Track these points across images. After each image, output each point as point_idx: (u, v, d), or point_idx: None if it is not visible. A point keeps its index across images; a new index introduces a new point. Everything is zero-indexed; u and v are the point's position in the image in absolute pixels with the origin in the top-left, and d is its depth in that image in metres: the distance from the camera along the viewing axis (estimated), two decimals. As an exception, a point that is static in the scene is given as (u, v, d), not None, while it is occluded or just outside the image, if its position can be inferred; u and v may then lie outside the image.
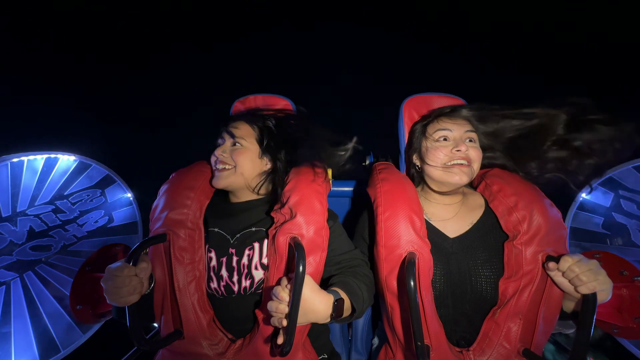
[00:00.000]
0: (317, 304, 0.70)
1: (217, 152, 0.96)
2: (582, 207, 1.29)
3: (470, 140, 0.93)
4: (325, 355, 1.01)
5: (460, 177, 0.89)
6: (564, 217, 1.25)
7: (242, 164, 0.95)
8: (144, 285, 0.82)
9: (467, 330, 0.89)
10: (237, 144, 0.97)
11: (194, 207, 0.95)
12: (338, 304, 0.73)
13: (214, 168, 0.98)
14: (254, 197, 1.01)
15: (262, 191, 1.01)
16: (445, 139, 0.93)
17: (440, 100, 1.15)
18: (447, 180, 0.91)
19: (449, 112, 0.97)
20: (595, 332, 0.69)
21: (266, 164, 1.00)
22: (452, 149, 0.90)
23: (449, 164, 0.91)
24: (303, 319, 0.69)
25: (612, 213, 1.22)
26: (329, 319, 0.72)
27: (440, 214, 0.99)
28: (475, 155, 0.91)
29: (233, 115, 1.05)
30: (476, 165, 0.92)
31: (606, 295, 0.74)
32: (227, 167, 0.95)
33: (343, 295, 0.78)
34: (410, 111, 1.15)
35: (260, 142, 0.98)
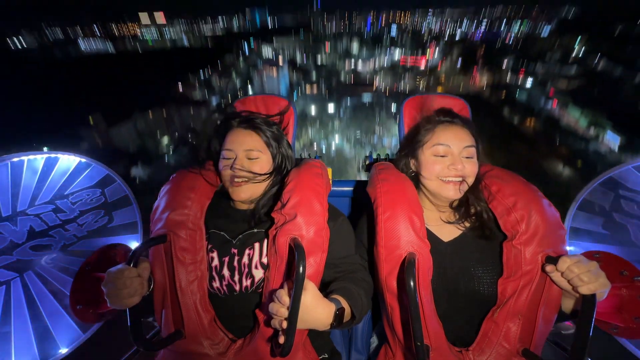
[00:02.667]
0: (319, 312, 0.71)
1: (236, 167, 0.93)
2: (582, 207, 1.29)
3: (468, 156, 0.92)
4: (326, 355, 1.01)
5: (454, 193, 0.91)
6: (563, 217, 1.25)
7: (261, 175, 0.95)
8: (144, 286, 0.83)
9: (464, 328, 0.90)
10: (252, 157, 0.96)
11: (195, 208, 0.95)
12: (339, 313, 0.74)
13: (229, 182, 0.95)
14: (257, 203, 1.00)
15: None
16: (443, 155, 0.92)
17: (441, 101, 1.14)
18: (440, 193, 0.92)
19: (449, 123, 0.95)
20: (593, 332, 0.70)
21: (275, 165, 1.00)
22: (449, 165, 0.91)
23: (444, 179, 0.91)
24: (304, 325, 0.70)
25: (612, 213, 1.22)
26: (328, 327, 0.73)
27: (435, 218, 1.00)
28: (471, 170, 0.92)
29: (237, 123, 1.00)
30: (470, 180, 0.93)
31: (602, 295, 0.75)
32: (246, 179, 0.94)
33: (344, 303, 0.78)
34: (410, 111, 1.15)
35: (271, 149, 0.98)
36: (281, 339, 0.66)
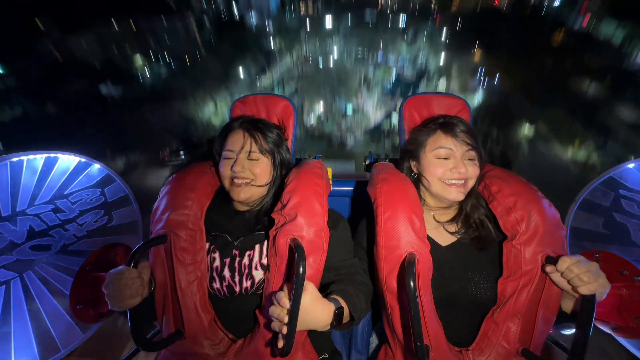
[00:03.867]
0: (318, 312, 0.71)
1: (236, 167, 0.93)
2: (582, 206, 1.29)
3: (470, 159, 0.92)
4: (326, 355, 1.01)
5: (457, 196, 0.91)
6: (564, 217, 1.25)
7: (261, 177, 0.96)
8: (145, 288, 0.83)
9: (464, 331, 0.90)
10: (253, 158, 0.96)
11: (195, 208, 0.95)
12: (338, 313, 0.74)
13: (229, 182, 0.95)
14: (258, 206, 1.01)
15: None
16: (445, 157, 0.92)
17: (441, 100, 1.14)
18: (443, 195, 0.92)
19: (449, 130, 0.94)
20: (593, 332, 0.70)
21: (275, 172, 1.00)
22: (452, 168, 0.91)
23: (446, 181, 0.91)
24: (303, 325, 0.70)
25: (612, 213, 1.22)
26: (328, 327, 0.73)
27: (433, 221, 1.00)
28: (473, 172, 0.92)
29: (239, 124, 1.00)
30: (472, 182, 0.93)
31: (601, 296, 0.75)
32: (246, 180, 0.94)
33: (343, 304, 0.78)
34: (410, 111, 1.15)
35: (271, 153, 0.98)
36: (280, 343, 0.66)
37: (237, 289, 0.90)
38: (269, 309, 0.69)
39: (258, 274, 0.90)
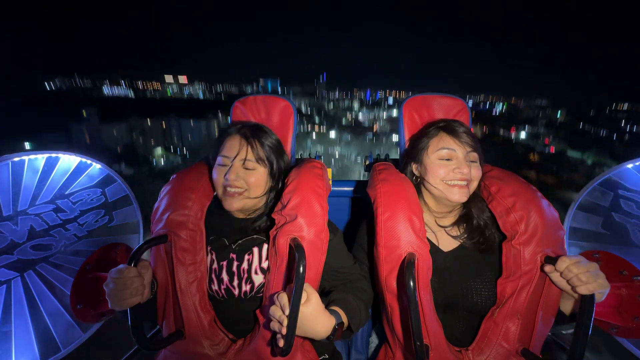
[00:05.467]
0: (319, 325, 0.72)
1: (230, 176, 0.88)
2: (582, 207, 1.29)
3: (473, 160, 0.92)
4: (326, 355, 1.01)
5: (460, 197, 0.90)
6: (563, 217, 1.25)
7: (255, 187, 0.92)
8: (146, 289, 0.83)
9: (463, 333, 0.90)
10: (248, 167, 0.91)
11: (195, 208, 0.95)
12: (338, 329, 0.74)
13: (223, 191, 0.91)
14: (256, 213, 1.00)
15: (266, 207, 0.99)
16: (448, 159, 0.92)
17: (441, 101, 1.15)
18: (446, 197, 0.91)
19: (451, 132, 0.94)
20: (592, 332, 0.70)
21: (272, 182, 0.97)
22: (454, 169, 0.90)
23: (449, 182, 0.91)
24: (301, 333, 0.71)
25: (612, 213, 1.22)
26: (323, 339, 0.73)
27: (435, 225, 1.00)
28: (476, 174, 0.92)
29: (237, 129, 0.96)
30: (474, 184, 0.92)
31: (601, 296, 0.75)
32: (239, 190, 0.90)
33: (343, 317, 0.78)
34: (410, 112, 1.15)
35: (269, 163, 0.94)
36: (280, 342, 0.66)
37: (236, 292, 0.90)
38: (270, 308, 0.69)
39: (258, 278, 0.90)
